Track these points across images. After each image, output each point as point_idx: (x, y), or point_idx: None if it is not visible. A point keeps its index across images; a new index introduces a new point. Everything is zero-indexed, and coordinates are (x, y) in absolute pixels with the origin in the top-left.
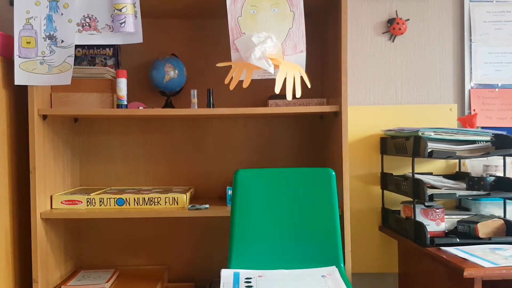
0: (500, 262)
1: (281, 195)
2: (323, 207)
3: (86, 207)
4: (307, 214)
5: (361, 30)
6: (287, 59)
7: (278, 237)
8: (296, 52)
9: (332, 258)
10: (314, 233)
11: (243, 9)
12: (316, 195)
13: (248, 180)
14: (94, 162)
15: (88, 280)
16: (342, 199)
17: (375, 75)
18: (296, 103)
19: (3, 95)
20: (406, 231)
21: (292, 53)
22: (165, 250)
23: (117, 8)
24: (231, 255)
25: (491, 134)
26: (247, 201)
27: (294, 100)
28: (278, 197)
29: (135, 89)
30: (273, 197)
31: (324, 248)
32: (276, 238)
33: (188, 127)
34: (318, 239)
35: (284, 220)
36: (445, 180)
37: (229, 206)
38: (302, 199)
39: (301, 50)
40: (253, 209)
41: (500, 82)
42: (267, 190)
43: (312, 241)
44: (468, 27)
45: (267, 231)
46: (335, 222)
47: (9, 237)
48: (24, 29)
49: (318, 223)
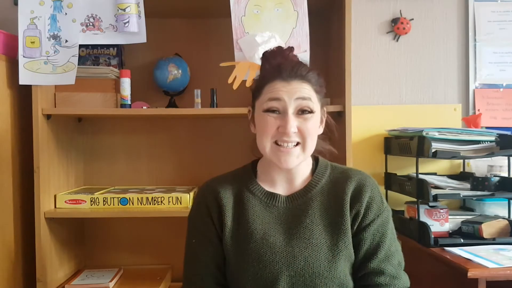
0: (504, 262)
1: None
2: None
3: (90, 207)
4: None
5: (365, 30)
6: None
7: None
8: (299, 51)
9: None
10: None
11: (246, 9)
12: None
13: None
14: (97, 161)
15: (91, 279)
16: None
17: (379, 74)
18: None
19: (7, 94)
20: (410, 232)
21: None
22: (168, 250)
23: (121, 8)
24: None
25: (496, 134)
26: None
27: None
28: None
29: (138, 89)
30: None
31: None
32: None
33: (191, 126)
34: None
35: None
36: (449, 180)
37: None
38: None
39: (305, 49)
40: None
41: (504, 82)
42: None
43: None
44: (473, 26)
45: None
46: None
47: (13, 236)
48: (28, 29)
49: None
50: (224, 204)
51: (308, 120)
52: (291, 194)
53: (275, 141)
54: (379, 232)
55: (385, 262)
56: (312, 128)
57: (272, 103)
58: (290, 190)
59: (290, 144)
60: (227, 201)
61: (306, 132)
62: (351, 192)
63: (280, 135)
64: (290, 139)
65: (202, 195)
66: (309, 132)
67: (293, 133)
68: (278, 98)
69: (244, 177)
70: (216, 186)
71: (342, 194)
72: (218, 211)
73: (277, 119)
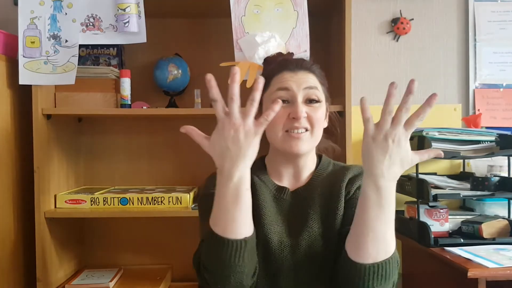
0: (504, 262)
1: None
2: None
3: (90, 207)
4: None
5: (365, 30)
6: None
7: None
8: (299, 51)
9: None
10: None
11: (246, 9)
12: None
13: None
14: (97, 161)
15: (91, 279)
16: None
17: (379, 74)
18: None
19: (7, 94)
20: (410, 232)
21: (296, 53)
22: (168, 250)
23: (121, 8)
24: None
25: (496, 134)
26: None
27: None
28: None
29: (138, 89)
30: None
31: None
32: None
33: None
34: None
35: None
36: (449, 180)
37: None
38: None
39: (305, 49)
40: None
41: (504, 82)
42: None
43: None
44: (473, 26)
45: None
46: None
47: (13, 236)
48: (28, 29)
49: None
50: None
51: (316, 109)
52: (297, 189)
53: (286, 130)
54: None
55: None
56: (320, 117)
57: (281, 92)
58: (296, 184)
59: (300, 130)
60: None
61: (315, 119)
62: (348, 180)
63: (291, 122)
64: (301, 125)
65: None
66: (317, 120)
67: (304, 118)
68: (287, 88)
69: (255, 169)
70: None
71: (340, 182)
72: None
73: (287, 108)
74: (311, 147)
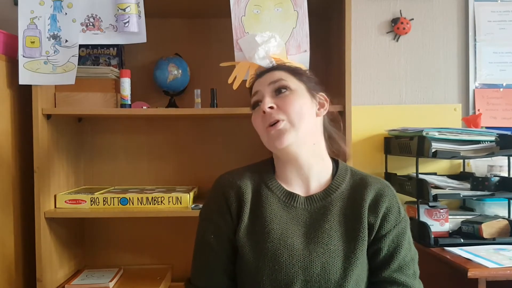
0: (504, 262)
1: None
2: None
3: (90, 207)
4: None
5: (365, 30)
6: (290, 58)
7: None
8: (299, 51)
9: None
10: None
11: (246, 9)
12: None
13: None
14: (97, 161)
15: (91, 279)
16: None
17: (379, 74)
18: None
19: (7, 94)
20: None
21: (296, 53)
22: (168, 250)
23: (121, 8)
24: None
25: (496, 134)
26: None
27: None
28: None
29: (138, 89)
30: None
31: None
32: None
33: (191, 126)
34: None
35: None
36: (449, 180)
37: None
38: None
39: (305, 49)
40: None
41: (504, 82)
42: None
43: None
44: (473, 26)
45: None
46: None
47: (13, 236)
48: (28, 29)
49: None
50: (245, 199)
51: (287, 96)
52: (310, 196)
53: (266, 130)
54: (394, 242)
55: (398, 272)
56: (293, 104)
57: (254, 98)
58: (308, 191)
59: (273, 121)
60: (247, 196)
61: (287, 107)
62: (370, 201)
63: (264, 119)
64: (272, 117)
65: (221, 187)
66: (291, 106)
67: (274, 110)
68: (256, 91)
69: (263, 172)
70: (236, 180)
71: (361, 201)
72: (237, 205)
73: (260, 109)
74: (296, 138)
